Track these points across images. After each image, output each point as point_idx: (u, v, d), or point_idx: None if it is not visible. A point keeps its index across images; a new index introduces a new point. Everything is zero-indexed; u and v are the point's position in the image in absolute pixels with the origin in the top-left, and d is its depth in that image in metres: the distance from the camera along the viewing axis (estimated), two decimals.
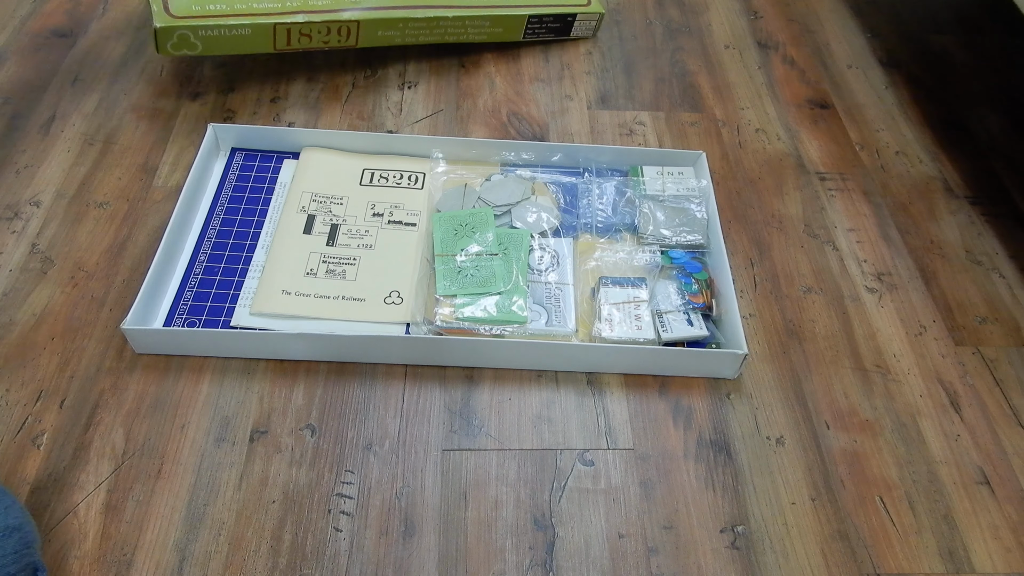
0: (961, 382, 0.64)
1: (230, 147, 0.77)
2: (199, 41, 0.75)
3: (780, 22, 0.99)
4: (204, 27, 0.74)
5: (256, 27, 0.76)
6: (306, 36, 0.79)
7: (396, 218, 0.71)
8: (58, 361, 0.61)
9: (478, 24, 0.87)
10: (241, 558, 0.52)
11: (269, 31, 0.77)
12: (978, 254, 0.74)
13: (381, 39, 0.83)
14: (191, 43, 0.75)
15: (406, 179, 0.74)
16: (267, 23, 0.76)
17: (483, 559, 0.53)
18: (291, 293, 0.65)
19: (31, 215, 0.71)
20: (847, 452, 0.60)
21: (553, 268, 0.68)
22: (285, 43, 0.78)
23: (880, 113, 0.88)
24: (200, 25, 0.74)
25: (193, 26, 0.74)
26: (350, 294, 0.65)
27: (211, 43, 0.75)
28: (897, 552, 0.55)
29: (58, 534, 0.52)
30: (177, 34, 0.74)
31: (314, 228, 0.70)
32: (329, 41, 0.80)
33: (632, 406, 0.61)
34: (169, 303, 0.64)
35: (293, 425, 0.59)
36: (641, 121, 0.85)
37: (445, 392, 0.61)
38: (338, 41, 0.81)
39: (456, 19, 0.85)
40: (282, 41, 0.78)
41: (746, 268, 0.71)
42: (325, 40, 0.80)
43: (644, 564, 0.53)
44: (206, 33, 0.74)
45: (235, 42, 0.76)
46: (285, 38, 0.78)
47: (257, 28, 0.76)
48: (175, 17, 0.74)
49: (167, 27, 0.73)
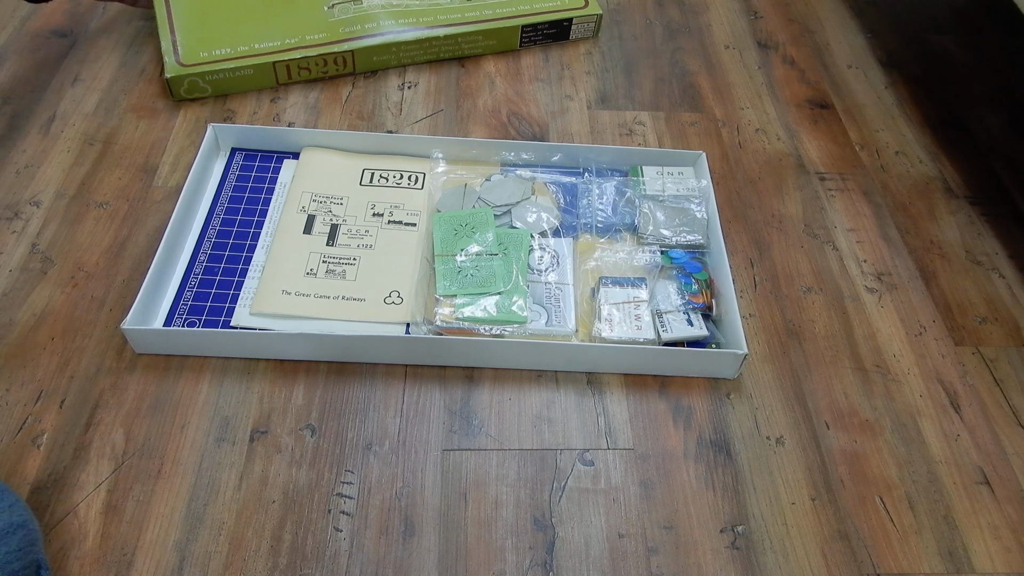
0: (961, 382, 0.64)
1: (230, 147, 0.77)
2: (208, 85, 0.82)
3: (780, 22, 0.99)
4: (211, 72, 0.81)
5: (257, 67, 0.82)
6: (305, 69, 0.84)
7: (396, 218, 0.71)
8: (58, 361, 0.61)
9: (472, 39, 0.89)
10: (241, 558, 0.52)
11: (270, 69, 0.83)
12: (978, 254, 0.74)
13: (377, 63, 0.87)
14: (201, 87, 0.82)
15: (406, 179, 0.74)
16: (267, 62, 0.82)
17: (483, 559, 0.53)
18: (291, 293, 0.65)
19: (31, 215, 0.71)
20: (847, 452, 0.60)
21: (553, 268, 0.68)
22: (286, 77, 0.84)
23: (880, 113, 0.88)
24: (207, 71, 0.81)
25: (201, 72, 0.81)
26: (350, 294, 0.65)
27: (219, 85, 0.82)
28: (897, 552, 0.55)
29: (58, 534, 0.52)
30: (187, 80, 0.81)
31: (314, 228, 0.70)
32: (328, 71, 0.85)
33: (632, 406, 0.61)
34: (169, 303, 0.64)
35: (293, 425, 0.59)
36: (641, 121, 0.85)
37: (445, 392, 0.61)
38: (336, 70, 0.86)
39: (448, 37, 0.87)
40: (283, 76, 0.84)
41: (746, 268, 0.71)
42: (324, 71, 0.85)
43: (644, 564, 0.53)
44: (213, 77, 0.81)
45: (240, 82, 0.83)
46: (286, 73, 0.84)
47: (259, 68, 0.82)
48: (185, 65, 0.81)
49: (177, 76, 0.80)
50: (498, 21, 0.89)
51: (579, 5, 0.92)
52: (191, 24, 0.84)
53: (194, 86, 0.81)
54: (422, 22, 0.87)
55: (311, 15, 0.86)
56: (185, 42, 0.82)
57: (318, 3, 0.88)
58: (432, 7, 0.89)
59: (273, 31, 0.84)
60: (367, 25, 0.86)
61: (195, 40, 0.83)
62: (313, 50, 0.83)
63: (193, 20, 0.85)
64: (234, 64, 0.81)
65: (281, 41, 0.83)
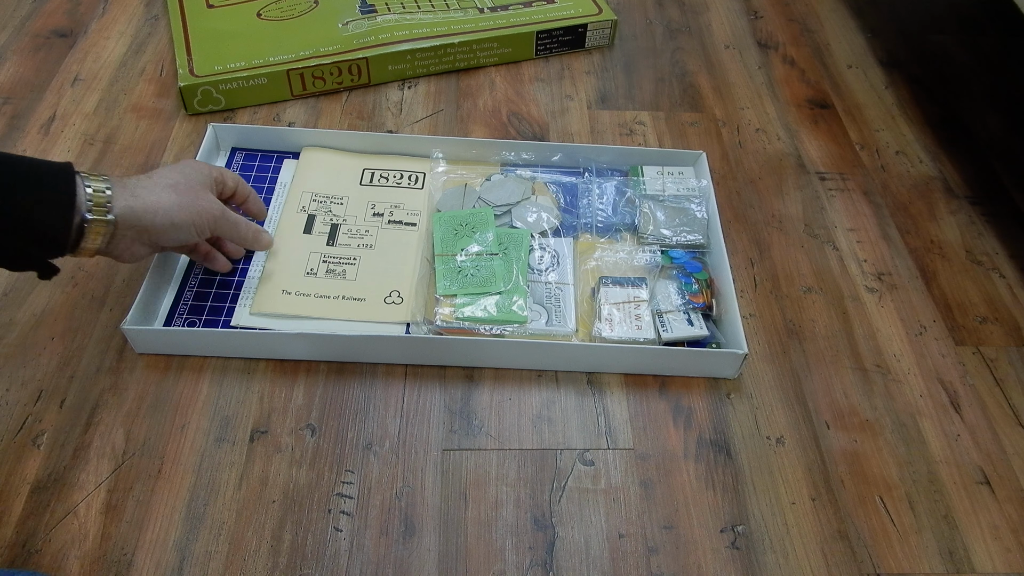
0: (961, 382, 0.64)
1: (230, 147, 0.77)
2: (221, 96, 0.81)
3: (780, 22, 0.99)
4: (224, 81, 0.80)
5: (271, 76, 0.81)
6: (319, 79, 0.83)
7: (396, 218, 0.71)
8: (58, 361, 0.61)
9: (487, 47, 0.88)
10: (241, 558, 0.52)
11: (284, 78, 0.82)
12: (978, 254, 0.74)
13: (392, 73, 0.86)
14: (214, 98, 0.81)
15: (406, 179, 0.74)
16: (281, 71, 0.81)
17: (483, 559, 0.53)
18: (291, 293, 0.65)
19: None
20: (847, 452, 0.60)
21: (553, 268, 0.68)
22: (301, 88, 0.83)
23: (880, 113, 0.88)
24: (220, 80, 0.80)
25: (214, 82, 0.80)
26: (350, 294, 0.65)
27: (232, 96, 0.81)
28: (897, 552, 0.55)
29: (58, 534, 0.52)
30: (200, 91, 0.80)
31: (314, 228, 0.70)
32: (343, 82, 0.85)
33: (632, 406, 0.61)
34: (169, 303, 0.64)
35: (293, 425, 0.59)
36: (641, 121, 0.85)
37: (445, 392, 0.61)
38: (351, 81, 0.85)
39: (463, 44, 0.87)
40: (297, 86, 0.83)
41: (746, 268, 0.71)
42: (338, 81, 0.84)
43: (644, 564, 0.53)
44: (227, 87, 0.80)
45: (254, 93, 0.82)
46: (300, 82, 0.83)
47: (272, 77, 0.81)
48: (198, 77, 0.80)
49: (190, 85, 0.79)
50: (513, 28, 0.88)
51: (593, 12, 0.92)
52: (207, 43, 0.84)
53: (207, 96, 0.80)
54: (436, 32, 0.87)
55: (325, 31, 0.86)
56: (200, 58, 0.82)
57: (332, 21, 0.88)
58: (446, 20, 0.88)
59: (287, 47, 0.84)
60: (381, 36, 0.86)
61: (210, 56, 0.82)
62: (327, 59, 0.82)
63: (209, 39, 0.85)
64: (248, 74, 0.80)
65: (295, 54, 0.83)
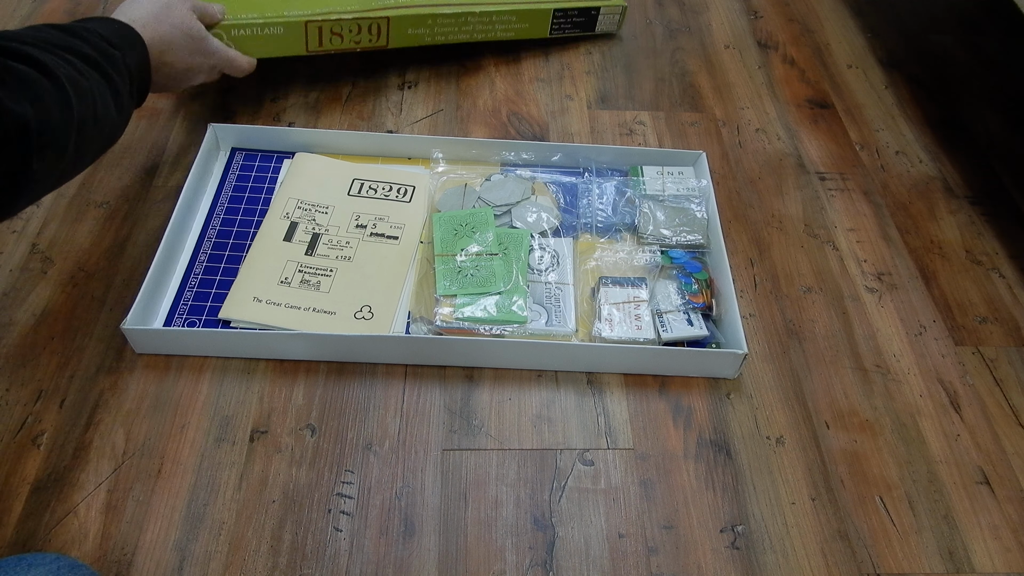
0: (961, 382, 0.64)
1: (230, 147, 0.77)
2: (232, 42, 0.74)
3: (780, 22, 0.99)
4: (236, 26, 0.74)
5: (288, 25, 0.76)
6: (337, 36, 0.79)
7: (379, 230, 0.70)
8: (58, 361, 0.61)
9: (505, 20, 0.87)
10: (241, 558, 0.52)
11: (300, 30, 0.77)
12: (978, 254, 0.74)
13: (411, 38, 0.83)
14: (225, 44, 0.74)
15: (395, 191, 0.73)
16: (298, 21, 0.76)
17: (483, 559, 0.53)
18: (262, 301, 0.64)
19: (31, 215, 0.71)
20: (847, 452, 0.60)
21: (553, 268, 0.68)
22: (317, 43, 0.79)
23: (880, 113, 0.88)
24: (232, 24, 0.74)
25: (226, 26, 0.73)
26: (321, 306, 0.64)
27: (244, 44, 0.75)
28: (897, 552, 0.55)
29: (58, 534, 0.52)
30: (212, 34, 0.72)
31: (295, 236, 0.69)
32: (360, 41, 0.81)
33: (632, 406, 0.61)
34: (169, 303, 0.64)
35: (293, 425, 0.59)
36: (641, 121, 0.85)
37: (445, 392, 0.61)
38: (369, 41, 0.81)
39: (483, 14, 0.85)
40: (314, 42, 0.78)
41: (746, 268, 0.71)
42: (356, 40, 0.80)
43: (644, 564, 0.53)
44: (238, 33, 0.74)
45: (268, 42, 0.76)
46: (317, 37, 0.78)
47: (289, 27, 0.76)
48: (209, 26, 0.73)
49: None
50: (532, 3, 0.88)
51: None
52: None
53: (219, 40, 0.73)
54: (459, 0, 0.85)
55: None
56: None
57: None
58: None
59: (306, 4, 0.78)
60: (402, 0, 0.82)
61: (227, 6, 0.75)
62: (348, 14, 0.77)
63: None
64: (264, 21, 0.75)
65: (312, 9, 0.77)
